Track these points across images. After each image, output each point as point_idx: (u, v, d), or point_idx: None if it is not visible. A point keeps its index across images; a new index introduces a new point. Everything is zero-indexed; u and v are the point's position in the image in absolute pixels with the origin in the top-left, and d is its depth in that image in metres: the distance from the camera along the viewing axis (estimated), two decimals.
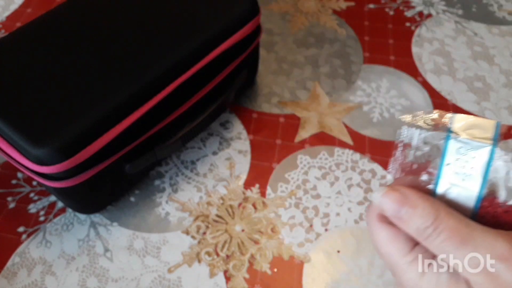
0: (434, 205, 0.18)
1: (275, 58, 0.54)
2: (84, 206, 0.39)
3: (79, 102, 0.33)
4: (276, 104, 0.49)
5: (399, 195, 0.19)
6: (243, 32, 0.40)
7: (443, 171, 0.19)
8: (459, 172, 0.18)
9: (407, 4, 0.61)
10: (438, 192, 0.19)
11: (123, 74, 0.35)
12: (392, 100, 0.49)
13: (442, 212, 0.18)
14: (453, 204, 0.18)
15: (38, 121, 0.31)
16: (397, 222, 0.19)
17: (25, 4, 0.60)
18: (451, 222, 0.18)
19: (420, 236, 0.18)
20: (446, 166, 0.19)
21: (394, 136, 0.46)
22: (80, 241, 0.39)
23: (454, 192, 0.19)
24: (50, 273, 0.37)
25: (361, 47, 0.55)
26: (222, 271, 0.37)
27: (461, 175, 0.18)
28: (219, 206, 0.41)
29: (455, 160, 0.18)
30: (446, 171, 0.19)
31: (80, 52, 0.36)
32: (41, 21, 0.38)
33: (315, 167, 0.44)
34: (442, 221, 0.18)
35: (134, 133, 0.35)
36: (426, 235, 0.18)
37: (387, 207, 0.19)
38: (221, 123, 0.47)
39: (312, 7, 0.60)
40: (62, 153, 0.31)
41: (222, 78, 0.41)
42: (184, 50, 0.36)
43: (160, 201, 0.41)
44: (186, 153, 0.45)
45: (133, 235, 0.39)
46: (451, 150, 0.18)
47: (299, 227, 0.40)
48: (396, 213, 0.19)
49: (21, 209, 0.41)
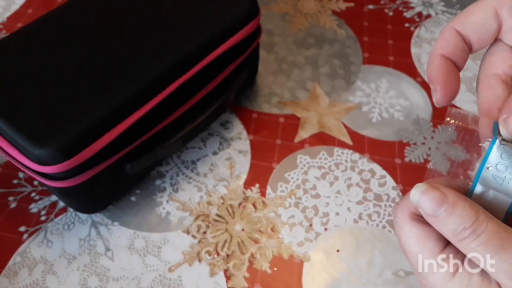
0: (473, 207, 0.18)
1: (275, 58, 0.54)
2: (85, 206, 0.39)
3: (80, 103, 0.33)
4: (276, 104, 0.49)
5: (439, 194, 0.18)
6: (243, 32, 0.40)
7: (482, 173, 0.19)
8: (499, 177, 0.18)
9: (406, 4, 0.61)
10: (475, 193, 0.19)
11: (124, 74, 0.35)
12: (391, 100, 0.50)
13: (481, 214, 0.18)
14: (487, 207, 0.18)
15: (40, 121, 0.32)
16: (433, 221, 0.19)
17: (26, 4, 0.60)
18: (490, 225, 0.17)
19: (455, 237, 0.18)
20: (486, 169, 0.19)
21: (393, 137, 0.46)
22: (81, 241, 0.39)
23: (490, 195, 0.19)
24: (51, 272, 0.37)
25: (360, 47, 0.55)
26: (222, 270, 0.37)
27: (500, 180, 0.18)
28: (220, 205, 0.41)
29: (495, 164, 0.18)
30: (485, 174, 0.19)
31: (81, 52, 0.36)
32: (42, 21, 0.38)
33: (315, 167, 0.44)
34: (481, 223, 0.17)
35: (135, 133, 0.35)
36: (462, 237, 0.18)
37: (425, 205, 0.18)
38: (221, 123, 0.47)
39: (311, 8, 0.60)
40: (63, 153, 0.31)
41: (222, 78, 0.41)
42: (185, 50, 0.37)
43: (161, 200, 0.42)
44: (187, 153, 0.45)
45: (134, 234, 0.39)
46: (494, 154, 0.18)
47: (299, 227, 0.40)
48: (434, 211, 0.18)
49: (23, 208, 0.41)
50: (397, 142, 0.46)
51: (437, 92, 0.20)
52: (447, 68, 0.20)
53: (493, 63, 0.21)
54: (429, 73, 0.21)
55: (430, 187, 0.19)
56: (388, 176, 0.43)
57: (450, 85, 0.20)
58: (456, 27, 0.21)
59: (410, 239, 0.20)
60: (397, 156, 0.45)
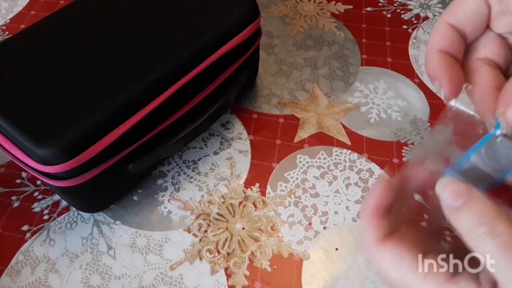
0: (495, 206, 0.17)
1: (274, 60, 0.55)
2: (87, 205, 0.40)
3: (83, 103, 0.33)
4: (276, 105, 0.50)
5: (463, 187, 0.18)
6: (243, 34, 0.41)
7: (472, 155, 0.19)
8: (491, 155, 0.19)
9: (404, 7, 0.62)
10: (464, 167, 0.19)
11: (127, 75, 0.35)
12: (389, 101, 0.50)
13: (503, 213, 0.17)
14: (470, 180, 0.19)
15: (43, 121, 0.32)
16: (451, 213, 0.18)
17: (29, 6, 0.61)
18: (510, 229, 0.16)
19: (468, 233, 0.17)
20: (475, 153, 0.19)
21: (391, 137, 0.47)
22: (83, 239, 0.39)
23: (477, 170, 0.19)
24: (53, 271, 0.38)
25: (358, 49, 0.56)
26: (223, 268, 0.38)
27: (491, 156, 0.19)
28: (220, 204, 0.42)
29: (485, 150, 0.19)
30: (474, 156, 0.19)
31: (83, 54, 0.36)
32: (44, 23, 0.39)
33: (314, 166, 0.44)
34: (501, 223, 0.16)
35: (137, 134, 0.36)
36: (476, 234, 0.17)
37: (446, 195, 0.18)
38: (222, 124, 0.48)
39: (311, 10, 0.61)
40: (66, 153, 0.31)
41: (223, 79, 0.42)
42: (186, 52, 0.37)
43: (163, 199, 0.42)
44: (188, 153, 0.46)
45: (135, 233, 0.40)
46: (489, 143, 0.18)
47: (298, 225, 0.40)
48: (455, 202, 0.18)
49: (25, 208, 0.41)
50: (395, 142, 0.47)
51: (444, 87, 0.20)
52: (448, 62, 0.20)
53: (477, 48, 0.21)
54: (430, 70, 0.20)
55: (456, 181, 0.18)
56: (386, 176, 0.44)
57: (456, 78, 0.20)
58: (448, 20, 0.20)
59: (385, 265, 0.19)
60: (395, 156, 0.45)
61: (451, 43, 0.20)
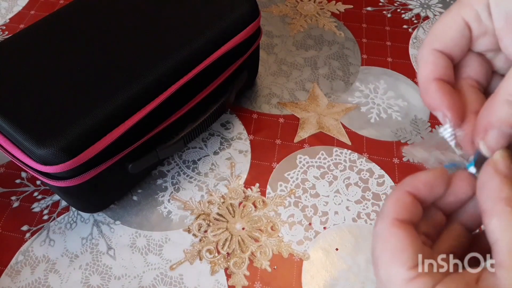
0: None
1: (274, 60, 0.55)
2: (87, 205, 0.40)
3: (82, 103, 0.33)
4: (276, 105, 0.50)
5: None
6: (243, 34, 0.41)
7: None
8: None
9: (404, 6, 0.62)
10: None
11: (126, 75, 0.35)
12: (389, 101, 0.50)
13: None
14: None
15: (42, 121, 0.32)
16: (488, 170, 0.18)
17: (29, 6, 0.60)
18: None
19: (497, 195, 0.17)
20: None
21: (391, 137, 0.47)
22: (83, 240, 0.39)
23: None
24: (53, 271, 0.38)
25: (359, 49, 0.56)
26: (223, 269, 0.38)
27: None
28: (220, 204, 0.42)
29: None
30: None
31: (83, 53, 0.36)
32: (44, 22, 0.39)
33: (314, 166, 0.44)
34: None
35: (136, 133, 0.36)
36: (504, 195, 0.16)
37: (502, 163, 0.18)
38: (222, 124, 0.48)
39: (311, 10, 0.61)
40: (66, 153, 0.31)
41: (223, 79, 0.42)
42: (186, 52, 0.37)
43: (162, 200, 0.42)
44: (188, 153, 0.45)
45: (135, 233, 0.40)
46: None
47: (298, 226, 0.40)
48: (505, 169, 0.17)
49: (25, 208, 0.41)
50: (395, 142, 0.46)
51: (449, 117, 0.20)
52: (448, 91, 0.20)
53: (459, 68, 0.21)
54: (430, 100, 0.20)
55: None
56: (386, 176, 0.44)
57: (459, 106, 0.20)
58: (436, 47, 0.20)
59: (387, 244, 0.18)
60: (395, 156, 0.45)
61: (445, 70, 0.20)
